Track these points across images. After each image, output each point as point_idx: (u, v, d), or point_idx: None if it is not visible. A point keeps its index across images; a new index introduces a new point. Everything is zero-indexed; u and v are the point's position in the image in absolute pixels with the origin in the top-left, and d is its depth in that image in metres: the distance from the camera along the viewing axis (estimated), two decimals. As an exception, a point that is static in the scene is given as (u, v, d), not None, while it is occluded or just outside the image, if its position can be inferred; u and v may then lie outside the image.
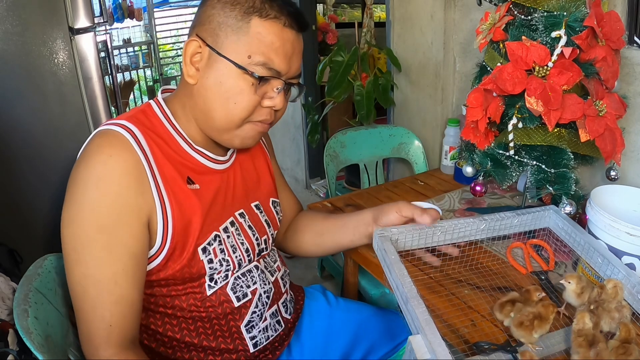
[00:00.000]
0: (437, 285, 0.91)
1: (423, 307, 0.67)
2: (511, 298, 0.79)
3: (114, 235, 0.71)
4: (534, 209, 0.95)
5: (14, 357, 0.92)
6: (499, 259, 1.00)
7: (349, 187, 2.58)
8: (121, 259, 0.72)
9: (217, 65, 0.75)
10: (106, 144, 0.73)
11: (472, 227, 0.92)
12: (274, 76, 0.76)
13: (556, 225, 0.95)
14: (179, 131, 0.82)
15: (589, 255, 0.85)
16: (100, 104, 1.98)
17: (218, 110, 0.77)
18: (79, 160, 0.74)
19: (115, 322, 0.71)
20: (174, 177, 0.78)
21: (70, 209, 0.72)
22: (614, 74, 0.92)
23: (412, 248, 0.89)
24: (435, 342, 0.61)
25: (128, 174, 0.72)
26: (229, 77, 0.75)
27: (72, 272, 0.72)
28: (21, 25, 1.66)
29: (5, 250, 1.48)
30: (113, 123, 0.76)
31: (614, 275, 0.78)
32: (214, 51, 0.75)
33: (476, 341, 0.76)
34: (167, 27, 4.49)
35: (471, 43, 1.49)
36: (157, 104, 0.83)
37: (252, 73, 0.74)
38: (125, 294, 0.72)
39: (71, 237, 0.71)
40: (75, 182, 0.72)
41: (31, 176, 1.80)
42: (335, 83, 1.84)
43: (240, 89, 0.75)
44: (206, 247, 0.81)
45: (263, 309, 0.90)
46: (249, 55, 0.74)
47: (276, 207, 0.99)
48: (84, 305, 0.71)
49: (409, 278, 0.72)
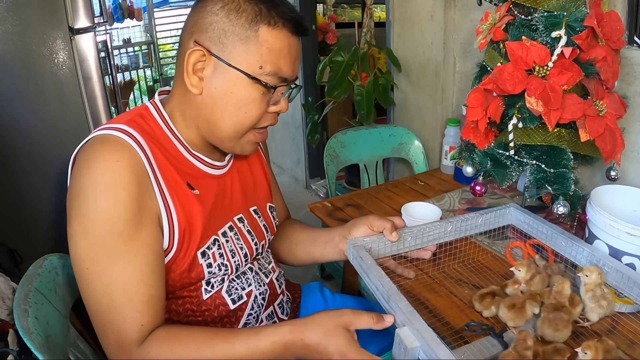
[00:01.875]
0: (437, 285, 0.92)
1: (405, 301, 0.69)
2: (491, 290, 0.82)
3: (134, 239, 0.69)
4: (495, 207, 1.02)
5: (14, 357, 0.92)
6: (498, 258, 1.00)
7: (349, 187, 2.58)
8: (146, 259, 0.70)
9: (226, 75, 0.74)
10: (110, 149, 0.71)
11: (440, 230, 0.96)
12: (283, 84, 0.77)
13: (518, 220, 1.01)
14: (177, 136, 0.81)
15: (553, 241, 0.91)
16: (100, 104, 1.98)
17: (227, 119, 0.77)
18: (81, 167, 0.71)
19: (146, 321, 0.70)
20: (177, 182, 0.77)
21: (81, 222, 0.69)
22: (614, 74, 0.92)
23: (386, 255, 0.92)
24: (423, 330, 0.64)
25: (136, 178, 0.71)
26: (240, 87, 0.74)
27: (94, 284, 0.69)
28: (21, 25, 1.66)
29: (5, 250, 1.48)
30: (111, 127, 0.74)
31: (579, 254, 0.86)
32: (222, 62, 0.73)
33: (468, 330, 0.77)
34: (167, 27, 4.49)
35: (471, 43, 1.49)
36: (155, 108, 0.81)
37: (266, 84, 0.75)
38: (155, 292, 0.71)
39: (87, 250, 0.69)
40: (82, 191, 0.69)
41: (31, 176, 1.79)
42: (335, 83, 1.84)
43: (253, 98, 0.75)
44: (205, 251, 0.80)
45: (259, 311, 0.89)
46: (260, 65, 0.73)
47: (272, 212, 0.99)
48: (112, 315, 0.69)
49: (387, 278, 0.76)
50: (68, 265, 0.84)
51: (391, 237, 0.89)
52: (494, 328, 0.76)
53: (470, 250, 1.02)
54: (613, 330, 0.78)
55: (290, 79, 0.78)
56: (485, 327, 0.76)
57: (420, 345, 0.63)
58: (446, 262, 0.98)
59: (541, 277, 0.83)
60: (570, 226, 1.06)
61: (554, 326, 0.72)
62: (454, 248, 1.00)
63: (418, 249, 0.95)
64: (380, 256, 0.91)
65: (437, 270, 0.96)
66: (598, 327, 0.78)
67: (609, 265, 0.80)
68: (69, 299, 0.83)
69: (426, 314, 0.83)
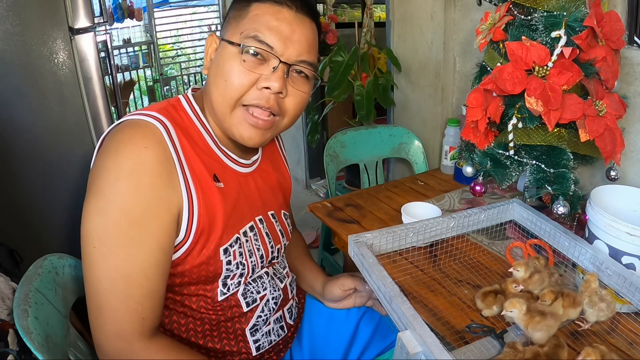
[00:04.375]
0: (437, 285, 0.92)
1: (408, 304, 0.68)
2: (493, 289, 0.82)
3: (146, 228, 0.69)
4: (498, 203, 1.01)
5: (14, 357, 0.92)
6: (498, 258, 1.00)
7: (349, 187, 2.58)
8: (152, 252, 0.70)
9: (219, 50, 0.79)
10: (140, 134, 0.71)
11: (442, 226, 0.96)
12: (265, 50, 0.75)
13: (520, 217, 1.00)
14: (206, 128, 0.82)
15: (556, 240, 0.90)
16: (100, 104, 1.98)
17: (214, 91, 0.78)
18: (109, 148, 0.71)
19: (147, 315, 0.70)
20: (202, 173, 0.77)
21: (97, 200, 0.69)
22: (614, 74, 0.92)
23: (387, 251, 0.93)
24: (425, 335, 0.63)
25: (161, 166, 0.71)
26: (225, 59, 0.77)
27: (98, 266, 0.68)
28: (21, 25, 1.66)
29: (5, 250, 1.48)
30: (144, 113, 0.75)
31: (582, 255, 0.85)
32: (220, 40, 0.80)
33: (469, 331, 0.77)
34: (167, 27, 4.48)
35: (471, 43, 1.49)
36: (186, 100, 0.83)
37: (241, 45, 0.75)
38: (155, 287, 0.71)
39: (98, 229, 0.68)
40: (105, 171, 0.69)
41: (31, 176, 1.79)
42: (335, 83, 1.84)
43: (231, 65, 0.76)
44: (227, 249, 0.80)
45: (269, 314, 0.90)
46: (241, 32, 0.76)
47: (287, 219, 1.00)
48: (111, 300, 0.68)
49: (389, 278, 0.75)
50: (68, 265, 0.84)
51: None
52: (494, 329, 0.76)
53: (470, 250, 1.02)
54: (613, 330, 0.78)
55: (280, 51, 0.75)
56: (486, 328, 0.76)
57: (423, 351, 0.63)
58: (446, 262, 0.98)
59: (540, 276, 0.83)
60: (570, 226, 1.06)
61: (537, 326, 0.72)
62: (454, 249, 1.00)
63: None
64: (382, 252, 0.91)
65: (437, 270, 0.96)
66: (598, 328, 0.78)
67: (611, 268, 0.79)
68: (69, 299, 0.83)
69: (426, 313, 0.83)
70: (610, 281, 0.79)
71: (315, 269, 1.07)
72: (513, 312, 0.73)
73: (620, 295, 0.78)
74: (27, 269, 0.78)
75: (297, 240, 1.12)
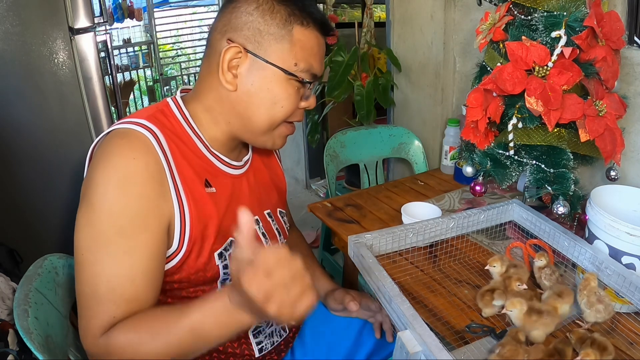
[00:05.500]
0: (437, 285, 0.92)
1: (407, 304, 0.69)
2: (492, 287, 0.82)
3: (135, 239, 0.69)
4: (498, 204, 1.02)
5: (14, 357, 0.92)
6: (499, 259, 1.00)
7: (349, 187, 2.58)
8: (142, 260, 0.70)
9: (262, 72, 0.77)
10: (128, 145, 0.71)
11: (442, 226, 0.96)
12: (314, 80, 0.81)
13: (520, 217, 1.01)
14: (197, 133, 0.81)
15: (556, 240, 0.91)
16: (100, 104, 1.98)
17: (263, 114, 0.79)
18: (98, 160, 0.71)
19: (120, 316, 0.69)
20: (192, 180, 0.77)
21: (87, 211, 0.70)
22: (614, 74, 0.92)
23: (387, 252, 0.93)
24: (425, 334, 0.63)
25: (151, 176, 0.71)
26: (277, 83, 0.77)
27: (84, 270, 0.69)
28: (21, 25, 1.66)
29: (5, 250, 1.48)
30: (132, 122, 0.74)
31: (582, 255, 0.85)
32: (259, 58, 0.76)
33: (469, 331, 0.77)
34: (167, 27, 4.48)
35: (471, 43, 1.49)
36: (175, 104, 0.81)
37: (302, 79, 0.78)
38: (140, 293, 0.70)
39: (87, 239, 0.69)
40: (94, 183, 0.70)
41: (31, 176, 1.80)
42: (335, 83, 1.84)
43: (288, 93, 0.78)
44: (222, 253, 0.80)
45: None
46: (295, 62, 0.77)
47: (283, 217, 1.00)
48: (90, 302, 0.69)
49: (389, 278, 0.75)
50: (68, 265, 0.84)
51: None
52: (494, 329, 0.76)
53: (470, 250, 1.02)
54: (613, 330, 0.78)
55: (319, 75, 0.82)
56: (486, 328, 0.76)
57: (422, 350, 0.63)
58: (446, 262, 0.98)
59: (516, 270, 0.83)
60: (570, 226, 1.06)
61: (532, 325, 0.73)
62: (454, 249, 1.00)
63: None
64: (382, 253, 0.91)
65: (437, 270, 0.96)
66: (597, 328, 0.78)
67: (611, 268, 0.79)
68: (69, 299, 0.83)
69: (426, 313, 0.83)
70: (610, 281, 0.79)
71: (319, 273, 1.07)
72: (513, 312, 0.73)
73: (620, 295, 0.78)
74: (27, 269, 0.78)
75: (298, 243, 1.12)
